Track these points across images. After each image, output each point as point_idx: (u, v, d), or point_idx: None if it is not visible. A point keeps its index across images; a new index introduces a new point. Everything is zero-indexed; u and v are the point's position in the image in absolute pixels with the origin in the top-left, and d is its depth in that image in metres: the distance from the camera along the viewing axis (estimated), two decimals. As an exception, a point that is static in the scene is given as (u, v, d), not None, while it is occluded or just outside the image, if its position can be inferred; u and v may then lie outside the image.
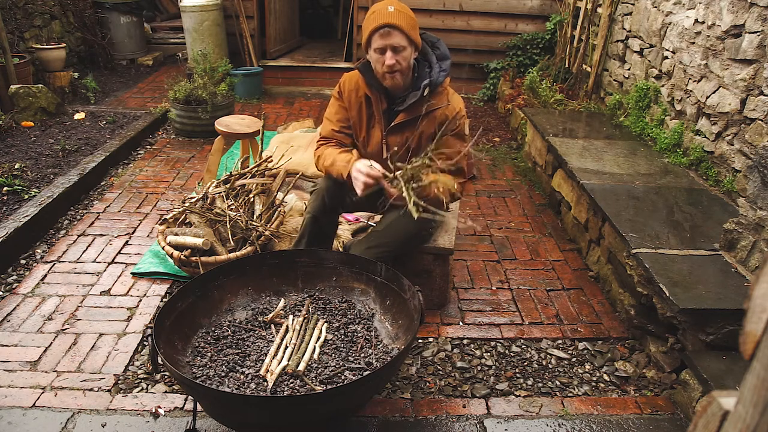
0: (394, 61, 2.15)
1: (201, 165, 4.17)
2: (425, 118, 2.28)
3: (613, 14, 4.61)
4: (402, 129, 2.31)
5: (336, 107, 2.41)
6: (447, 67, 2.33)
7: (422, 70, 2.30)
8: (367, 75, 2.29)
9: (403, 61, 2.17)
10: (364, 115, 2.36)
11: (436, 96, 2.29)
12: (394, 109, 2.32)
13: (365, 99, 2.34)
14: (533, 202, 3.88)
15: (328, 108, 2.46)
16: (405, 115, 2.29)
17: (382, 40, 2.14)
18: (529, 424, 2.11)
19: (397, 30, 2.12)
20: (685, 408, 2.17)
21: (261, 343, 2.08)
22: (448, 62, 2.34)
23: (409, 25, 2.15)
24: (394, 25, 2.11)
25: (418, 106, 2.26)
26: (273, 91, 6.10)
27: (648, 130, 3.81)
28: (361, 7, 5.90)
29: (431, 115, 2.29)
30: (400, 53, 2.15)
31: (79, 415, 2.05)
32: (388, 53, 2.14)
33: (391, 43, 2.13)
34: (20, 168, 3.67)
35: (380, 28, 2.12)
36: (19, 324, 2.50)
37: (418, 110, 2.26)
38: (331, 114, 2.43)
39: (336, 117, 2.40)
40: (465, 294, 2.87)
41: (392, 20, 2.10)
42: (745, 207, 2.41)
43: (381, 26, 2.11)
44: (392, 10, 2.13)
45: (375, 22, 2.13)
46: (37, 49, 5.26)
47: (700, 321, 2.17)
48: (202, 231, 2.68)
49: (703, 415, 0.64)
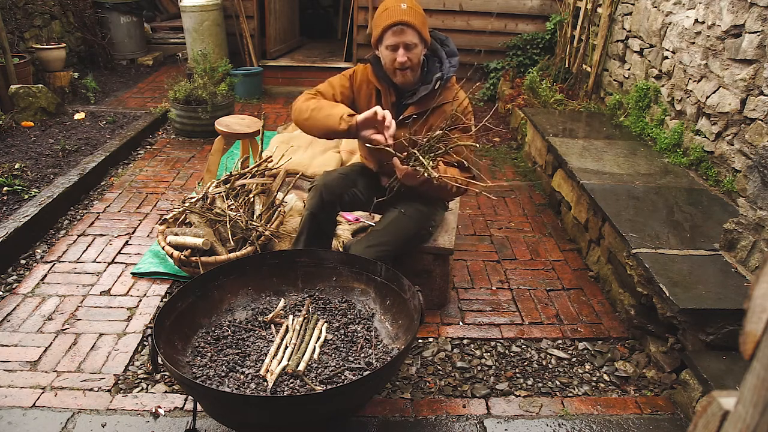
0: (405, 59, 2.17)
1: (201, 165, 4.17)
2: (434, 112, 2.30)
3: (613, 14, 4.61)
4: (410, 122, 2.32)
5: (345, 82, 2.39)
6: (456, 63, 2.35)
7: (432, 65, 2.32)
8: (377, 68, 2.30)
9: (414, 58, 2.20)
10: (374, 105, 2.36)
11: (445, 91, 2.31)
12: (402, 102, 2.34)
13: (375, 91, 2.36)
14: (533, 202, 3.88)
15: (335, 78, 2.42)
16: (414, 109, 2.31)
17: (395, 37, 2.15)
18: (529, 424, 2.11)
19: (410, 28, 2.14)
20: (685, 408, 2.17)
21: (261, 343, 2.08)
22: (457, 59, 2.36)
23: (421, 23, 2.18)
24: (408, 22, 2.13)
25: (428, 100, 2.29)
26: (273, 91, 6.10)
27: (648, 130, 3.81)
28: (361, 7, 5.90)
29: (440, 109, 2.31)
30: (412, 50, 2.18)
31: (79, 415, 2.05)
32: (401, 50, 2.17)
33: (404, 41, 2.15)
34: (20, 168, 3.67)
35: (394, 26, 2.13)
36: (19, 324, 2.50)
37: (428, 104, 2.28)
38: (336, 83, 2.39)
39: (341, 89, 2.37)
40: (465, 294, 2.87)
41: (406, 18, 2.12)
42: (745, 207, 2.41)
43: (395, 23, 2.13)
44: (405, 7, 2.15)
45: (389, 18, 2.14)
46: (37, 49, 5.26)
47: (700, 321, 2.17)
48: (202, 231, 2.68)
49: (703, 415, 0.64)
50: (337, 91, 2.38)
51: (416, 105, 2.31)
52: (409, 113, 2.31)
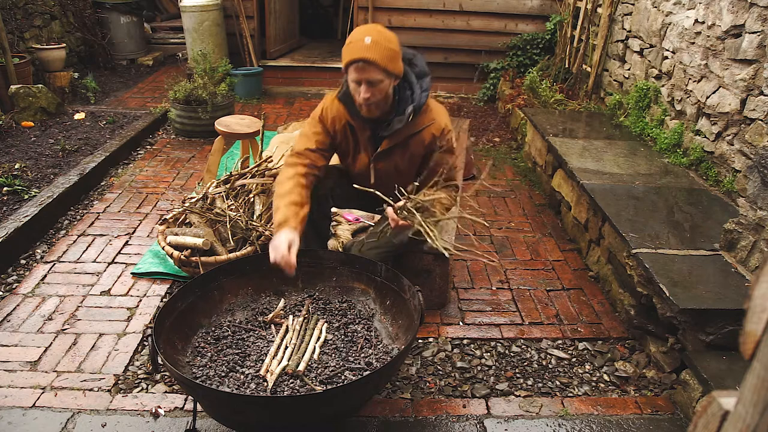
0: (369, 95, 2.07)
1: (201, 165, 4.17)
2: (412, 140, 2.24)
3: (613, 14, 4.61)
4: (389, 154, 2.27)
5: (317, 128, 2.31)
6: (427, 85, 2.24)
7: (403, 93, 2.20)
8: (348, 104, 2.21)
9: (378, 93, 2.09)
10: (351, 141, 2.32)
11: (421, 116, 2.22)
12: (378, 134, 2.26)
13: (348, 126, 2.28)
14: (533, 202, 3.88)
15: (307, 126, 2.35)
16: (389, 142, 2.24)
17: (357, 74, 2.05)
18: (529, 424, 2.11)
19: (372, 65, 2.02)
20: (685, 408, 2.17)
21: (261, 343, 2.08)
22: (428, 79, 2.26)
23: (387, 58, 2.04)
24: (369, 60, 2.00)
25: (402, 132, 2.21)
26: (273, 91, 6.10)
27: (648, 130, 3.81)
28: (361, 7, 5.90)
29: (419, 136, 2.25)
30: (376, 86, 2.07)
31: (79, 415, 2.05)
32: (363, 86, 2.07)
33: (366, 78, 2.04)
34: (20, 168, 3.67)
35: (354, 63, 2.03)
36: (19, 324, 2.50)
37: (403, 135, 2.21)
38: (309, 133, 2.31)
39: (315, 138, 2.29)
40: (465, 294, 2.87)
41: (367, 55, 2.00)
42: (745, 207, 2.41)
43: (355, 60, 2.03)
44: (369, 42, 2.01)
45: (350, 55, 2.05)
46: (37, 49, 5.26)
47: (700, 321, 2.17)
48: (202, 231, 2.68)
49: (703, 415, 0.64)
50: (313, 144, 2.28)
51: (391, 138, 2.23)
52: (386, 146, 2.24)
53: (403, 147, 2.25)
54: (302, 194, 2.17)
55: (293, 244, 2.00)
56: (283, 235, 2.00)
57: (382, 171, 2.31)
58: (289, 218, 2.06)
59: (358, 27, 2.13)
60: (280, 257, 1.96)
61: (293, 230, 2.03)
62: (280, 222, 2.06)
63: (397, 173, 2.28)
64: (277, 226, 2.06)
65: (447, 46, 6.08)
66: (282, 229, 2.03)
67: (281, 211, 2.09)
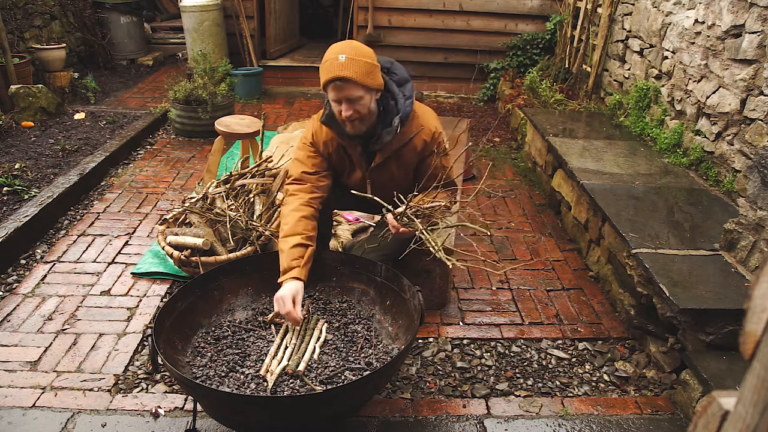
0: (350, 112, 2.03)
1: (201, 165, 4.17)
2: (404, 149, 2.23)
3: (613, 14, 4.61)
4: (383, 167, 2.26)
5: (309, 152, 2.27)
6: (410, 92, 2.21)
7: (387, 103, 2.17)
8: (333, 126, 2.18)
9: (361, 109, 2.04)
10: (345, 160, 2.30)
11: (409, 124, 2.20)
12: (370, 149, 2.24)
13: (341, 146, 2.26)
14: (533, 202, 3.88)
15: (298, 152, 2.29)
16: (382, 155, 2.22)
17: (336, 92, 2.01)
18: (529, 424, 2.11)
19: (350, 82, 1.97)
20: (685, 408, 2.17)
21: (261, 343, 2.08)
22: (410, 85, 2.22)
23: (363, 73, 1.99)
24: (345, 78, 1.96)
25: (393, 144, 2.19)
26: (273, 91, 6.10)
27: (648, 130, 3.81)
28: (361, 7, 5.90)
29: (410, 145, 2.23)
30: (356, 103, 2.02)
31: (79, 415, 2.05)
32: (344, 105, 2.03)
33: (345, 96, 2.00)
34: (20, 168, 3.67)
35: (331, 82, 2.00)
36: (19, 324, 2.50)
37: (394, 147, 2.20)
38: (302, 157, 2.27)
39: (311, 161, 2.26)
40: (465, 294, 2.87)
41: (343, 73, 1.96)
42: (745, 207, 2.41)
43: (332, 80, 1.98)
44: (343, 60, 1.97)
45: (326, 74, 2.00)
46: (37, 49, 5.26)
47: (700, 321, 2.17)
48: (202, 231, 2.69)
49: (703, 415, 0.64)
50: (310, 167, 2.24)
51: (383, 150, 2.21)
52: (379, 160, 2.23)
53: (396, 158, 2.23)
54: (307, 229, 2.14)
55: (298, 294, 2.00)
56: (287, 288, 1.99)
57: (378, 183, 2.30)
58: (293, 267, 2.05)
59: (332, 45, 2.08)
60: (285, 312, 1.96)
61: (297, 281, 2.02)
62: (284, 269, 2.05)
63: (393, 183, 2.27)
64: (282, 272, 2.06)
65: (447, 46, 6.08)
66: (286, 279, 2.02)
67: (285, 255, 2.08)
